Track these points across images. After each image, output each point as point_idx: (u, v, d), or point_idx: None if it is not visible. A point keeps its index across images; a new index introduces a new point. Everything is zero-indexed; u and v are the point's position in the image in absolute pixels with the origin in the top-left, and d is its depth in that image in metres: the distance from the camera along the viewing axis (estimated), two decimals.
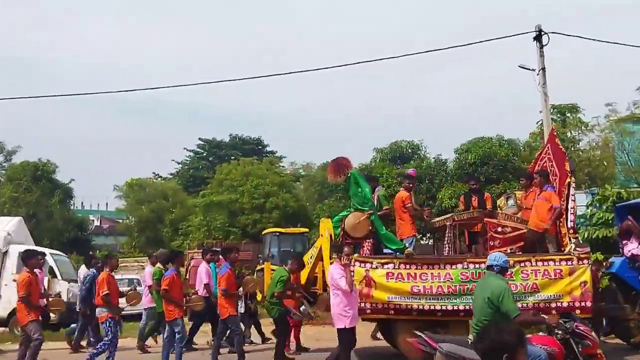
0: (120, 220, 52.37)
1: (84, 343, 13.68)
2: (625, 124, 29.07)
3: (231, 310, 10.84)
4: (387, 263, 10.22)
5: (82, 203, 68.59)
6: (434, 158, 44.94)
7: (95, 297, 10.78)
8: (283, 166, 52.21)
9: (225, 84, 54.98)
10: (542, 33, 15.71)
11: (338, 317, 9.14)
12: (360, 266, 10.19)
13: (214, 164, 49.89)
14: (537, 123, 28.11)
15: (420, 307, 10.15)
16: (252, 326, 13.77)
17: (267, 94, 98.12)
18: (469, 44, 16.46)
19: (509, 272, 9.82)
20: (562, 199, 10.77)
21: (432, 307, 10.13)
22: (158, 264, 12.99)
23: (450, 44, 15.94)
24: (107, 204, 67.58)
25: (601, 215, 16.20)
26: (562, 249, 10.66)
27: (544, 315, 7.80)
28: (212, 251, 14.42)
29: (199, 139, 56.61)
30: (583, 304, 10.03)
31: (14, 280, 13.37)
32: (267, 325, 13.02)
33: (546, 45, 15.78)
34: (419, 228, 14.11)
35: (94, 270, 13.21)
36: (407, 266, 10.20)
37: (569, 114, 31.01)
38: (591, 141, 31.72)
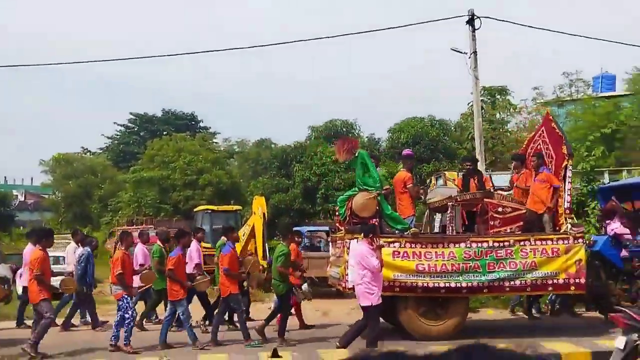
0: (46, 196, 50.71)
1: (75, 322, 13.22)
2: (551, 107, 29.98)
3: (232, 289, 10.76)
4: (393, 242, 10.37)
5: (4, 178, 65.96)
6: (367, 137, 45.44)
7: (111, 276, 10.67)
8: (217, 142, 51.56)
9: (159, 56, 53.44)
10: (475, 17, 15.93)
11: (364, 295, 9.19)
12: (368, 244, 10.18)
13: (146, 139, 48.74)
14: (467, 104, 28.67)
15: (425, 284, 10.38)
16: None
17: (202, 69, 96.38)
18: (402, 26, 16.48)
19: (509, 250, 10.43)
20: (560, 180, 11.11)
21: (436, 285, 10.36)
22: (158, 242, 12.80)
23: (386, 25, 16.07)
24: (32, 178, 65.25)
25: None
26: (557, 228, 10.99)
27: None
28: (202, 230, 14.26)
29: (130, 113, 55.10)
30: (578, 280, 10.42)
31: None
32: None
33: (478, 29, 16.03)
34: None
35: (88, 249, 13.07)
36: (413, 245, 10.41)
37: (498, 96, 31.78)
38: (519, 123, 32.63)
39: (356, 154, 10.84)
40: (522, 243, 10.50)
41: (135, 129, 54.82)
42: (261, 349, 9.91)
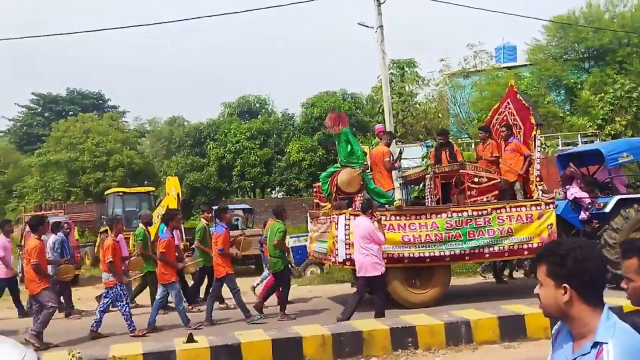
0: None
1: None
2: (457, 79, 30.90)
3: (228, 269, 10.70)
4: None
5: None
6: (281, 112, 45.44)
7: (101, 263, 10.56)
8: (126, 122, 50.17)
9: (58, 35, 51.05)
10: None
11: (372, 267, 9.35)
12: (355, 220, 10.27)
13: (50, 120, 46.74)
14: (377, 77, 29.13)
15: (411, 255, 10.69)
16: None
17: (109, 45, 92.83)
18: (309, 0, 16.47)
19: (487, 219, 10.83)
20: (530, 150, 11.62)
21: (421, 255, 10.69)
22: (141, 225, 12.46)
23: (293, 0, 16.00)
24: None
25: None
26: (528, 195, 11.49)
27: None
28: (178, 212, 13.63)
29: (32, 93, 52.62)
30: None
31: None
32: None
33: (384, 3, 16.23)
34: None
35: (62, 235, 12.79)
36: (398, 217, 10.64)
37: (407, 69, 32.38)
38: (427, 95, 33.47)
39: (340, 131, 10.94)
40: (498, 211, 10.96)
41: (39, 110, 52.44)
42: (265, 323, 10.09)
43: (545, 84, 27.38)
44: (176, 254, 11.37)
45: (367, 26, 16.85)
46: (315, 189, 13.20)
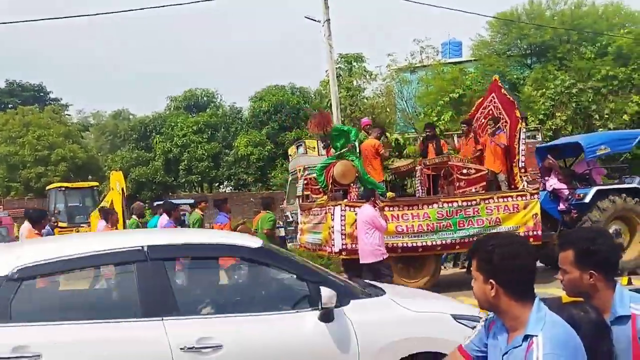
0: None
1: None
2: (404, 74, 31.17)
3: (231, 259, 10.54)
4: (373, 206, 10.40)
5: None
6: (229, 106, 45.08)
7: None
8: (69, 115, 48.84)
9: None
10: None
11: (375, 253, 9.45)
12: (351, 210, 10.51)
13: None
14: (325, 72, 29.16)
15: (404, 244, 10.84)
16: None
17: (51, 37, 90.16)
18: None
19: (476, 209, 11.10)
20: (515, 142, 11.91)
21: (414, 244, 10.84)
22: (134, 216, 12.79)
23: None
24: None
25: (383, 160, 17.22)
26: (512, 186, 11.82)
27: None
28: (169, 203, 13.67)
29: None
30: (535, 233, 11.28)
31: None
32: None
33: None
34: None
35: (49, 229, 12.63)
36: (391, 208, 10.79)
37: (355, 63, 32.50)
38: (375, 89, 33.66)
39: (328, 130, 11.17)
40: (486, 201, 11.24)
41: None
42: None
43: (490, 80, 27.92)
44: None
45: (315, 20, 16.85)
46: (306, 182, 13.34)
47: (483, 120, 12.98)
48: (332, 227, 10.68)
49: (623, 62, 24.39)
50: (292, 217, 17.68)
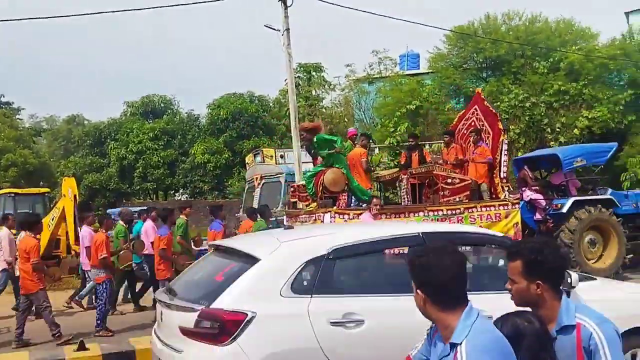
0: None
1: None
2: (362, 84, 31.38)
3: None
4: (361, 213, 10.77)
5: None
6: (186, 113, 44.66)
7: (92, 258, 10.39)
8: (21, 119, 47.65)
9: None
10: None
11: None
12: (340, 217, 10.68)
13: None
14: (284, 81, 29.17)
15: (392, 252, 10.77)
16: None
17: (3, 38, 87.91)
18: (215, 0, 16.26)
19: (460, 217, 11.37)
20: (497, 153, 12.32)
21: (401, 252, 10.61)
22: (120, 222, 12.57)
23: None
24: None
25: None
26: (494, 196, 12.17)
27: None
28: (154, 209, 13.74)
29: None
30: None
31: None
32: None
33: (290, 6, 16.21)
34: None
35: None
36: (379, 216, 10.89)
37: (314, 73, 32.59)
38: (333, 99, 33.81)
39: (315, 141, 11.22)
40: (470, 210, 11.53)
41: None
42: None
43: (446, 92, 28.25)
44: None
45: (274, 29, 16.80)
46: (292, 189, 13.42)
47: (465, 132, 13.28)
48: None
49: (574, 77, 25.02)
50: None
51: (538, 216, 13.41)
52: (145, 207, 14.64)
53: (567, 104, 24.79)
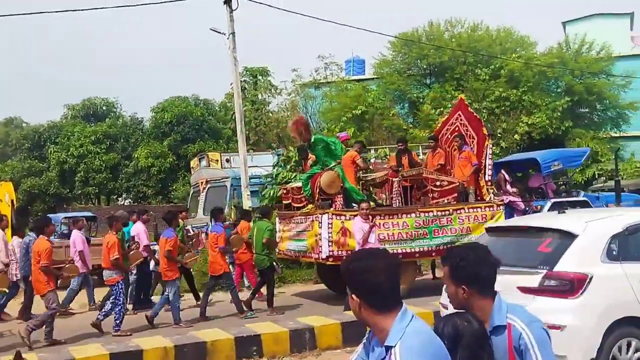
0: None
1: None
2: (308, 89, 31.49)
3: (225, 267, 11.36)
4: (356, 215, 11.08)
5: None
6: (130, 116, 43.82)
7: (103, 260, 10.54)
8: None
9: None
10: None
11: None
12: (337, 218, 11.16)
13: None
14: (230, 84, 28.98)
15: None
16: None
17: None
18: (159, 3, 16.04)
19: (449, 218, 11.96)
20: (482, 158, 12.80)
21: (395, 251, 10.94)
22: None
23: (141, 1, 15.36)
24: None
25: (285, 174, 17.24)
26: (479, 198, 12.66)
27: None
28: (147, 211, 14.17)
29: None
30: None
31: None
32: None
33: (236, 10, 16.10)
34: None
35: (34, 234, 11.69)
36: (369, 218, 11.15)
37: (260, 77, 32.49)
38: (280, 103, 33.78)
39: (312, 140, 11.53)
40: (458, 211, 12.08)
41: None
42: (256, 319, 10.31)
43: (391, 97, 28.66)
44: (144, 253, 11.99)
45: (219, 32, 16.68)
46: (285, 191, 13.73)
47: (449, 136, 13.69)
48: (320, 234, 11.13)
49: (514, 84, 25.75)
50: (192, 230, 17.34)
51: (516, 217, 13.81)
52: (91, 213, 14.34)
53: (507, 110, 25.47)
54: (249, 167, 17.27)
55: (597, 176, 24.74)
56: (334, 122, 26.17)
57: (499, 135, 24.84)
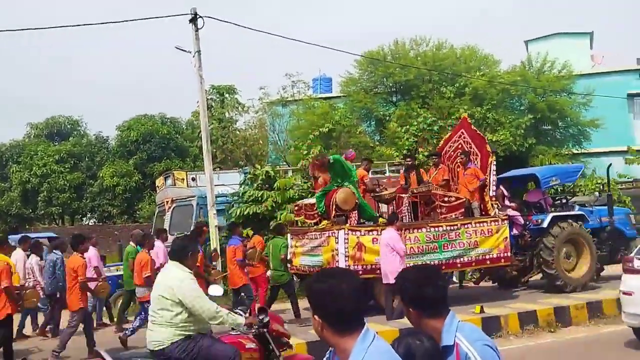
0: None
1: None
2: (275, 107, 31.50)
3: (245, 280, 11.75)
4: (372, 230, 11.82)
5: None
6: (94, 135, 43.30)
7: (136, 277, 11.06)
8: None
9: None
10: (197, 16, 15.95)
11: (392, 275, 10.10)
12: (352, 234, 11.62)
13: None
14: (197, 102, 28.83)
15: None
16: None
17: None
18: (124, 21, 15.95)
19: (457, 232, 12.41)
20: (487, 174, 13.31)
21: (407, 265, 11.05)
22: (132, 243, 13.04)
23: (107, 19, 15.34)
24: None
25: (252, 193, 17.19)
26: (484, 213, 13.15)
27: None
28: (165, 230, 14.51)
29: None
30: (506, 254, 12.85)
31: None
32: None
33: (201, 28, 16.04)
34: None
35: (60, 253, 12.69)
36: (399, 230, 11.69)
37: (227, 95, 32.43)
38: (247, 121, 33.73)
39: (332, 162, 12.05)
40: (466, 226, 12.55)
41: None
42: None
43: (358, 115, 28.77)
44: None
45: (185, 50, 16.59)
46: (297, 207, 14.10)
47: (452, 153, 14.31)
48: (336, 249, 11.58)
49: (479, 102, 26.08)
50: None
51: (515, 231, 14.28)
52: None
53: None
54: (216, 185, 17.13)
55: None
56: (301, 140, 26.17)
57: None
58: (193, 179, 19.68)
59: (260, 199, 16.83)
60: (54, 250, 12.87)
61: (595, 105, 27.19)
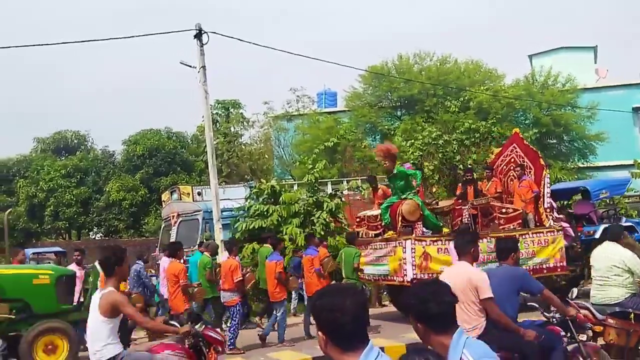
0: None
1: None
2: (280, 121, 31.65)
3: (283, 294, 12.03)
4: (436, 240, 12.26)
5: None
6: (101, 150, 43.47)
7: (224, 283, 11.52)
8: None
9: None
10: (202, 32, 16.11)
11: None
12: (419, 244, 12.05)
13: None
14: (202, 117, 28.98)
15: None
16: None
17: None
18: (131, 37, 16.12)
19: None
20: (541, 186, 13.83)
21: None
22: (206, 253, 13.06)
23: (112, 35, 15.45)
24: None
25: (257, 207, 17.23)
26: (538, 224, 13.54)
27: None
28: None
29: None
30: (562, 264, 13.25)
31: None
32: None
33: (206, 44, 16.22)
34: None
35: (142, 263, 13.69)
36: (449, 242, 11.85)
37: (232, 109, 32.60)
38: (252, 136, 33.88)
39: (395, 171, 12.53)
40: (524, 236, 12.85)
41: None
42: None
43: (362, 130, 28.89)
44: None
45: (190, 66, 16.76)
46: (358, 219, 14.76)
47: (504, 167, 14.98)
48: (404, 258, 12.02)
49: (483, 116, 26.16)
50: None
51: (565, 242, 14.40)
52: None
53: (477, 141, 25.80)
54: (221, 199, 17.20)
55: None
56: (306, 154, 26.25)
57: (469, 166, 25.18)
58: (199, 194, 19.76)
59: (265, 213, 16.84)
60: (137, 261, 13.63)
61: (600, 119, 27.24)
